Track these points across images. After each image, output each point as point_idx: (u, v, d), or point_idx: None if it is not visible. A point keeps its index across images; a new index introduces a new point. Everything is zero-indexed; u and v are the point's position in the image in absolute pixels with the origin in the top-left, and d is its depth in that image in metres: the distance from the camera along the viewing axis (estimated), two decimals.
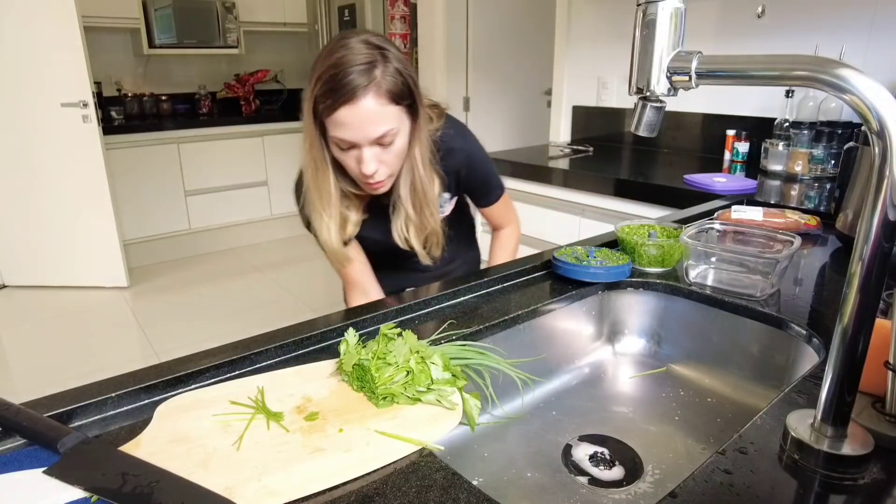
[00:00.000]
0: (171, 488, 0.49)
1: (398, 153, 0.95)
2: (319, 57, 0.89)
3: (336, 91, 0.85)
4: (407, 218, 1.04)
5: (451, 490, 0.50)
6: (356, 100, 0.85)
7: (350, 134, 0.88)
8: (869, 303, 0.47)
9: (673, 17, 0.58)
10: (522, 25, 3.46)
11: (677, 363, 0.93)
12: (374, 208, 1.08)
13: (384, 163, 0.94)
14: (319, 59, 0.89)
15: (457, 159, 1.09)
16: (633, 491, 0.68)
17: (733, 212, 1.23)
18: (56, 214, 3.29)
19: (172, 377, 0.65)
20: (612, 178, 1.75)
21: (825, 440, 0.51)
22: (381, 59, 0.88)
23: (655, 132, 0.63)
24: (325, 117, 0.89)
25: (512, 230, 1.32)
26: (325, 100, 0.87)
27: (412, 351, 0.67)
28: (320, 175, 0.98)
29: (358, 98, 0.85)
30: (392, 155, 0.94)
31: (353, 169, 0.95)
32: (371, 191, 1.00)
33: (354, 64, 0.85)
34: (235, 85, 4.33)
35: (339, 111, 0.86)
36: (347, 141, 0.90)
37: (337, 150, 0.94)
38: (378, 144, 0.91)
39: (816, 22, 1.78)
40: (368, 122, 0.88)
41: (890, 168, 0.43)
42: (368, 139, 0.89)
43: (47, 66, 3.04)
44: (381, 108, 0.88)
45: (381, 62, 0.87)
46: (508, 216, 1.30)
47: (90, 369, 2.55)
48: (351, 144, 0.90)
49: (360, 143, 0.90)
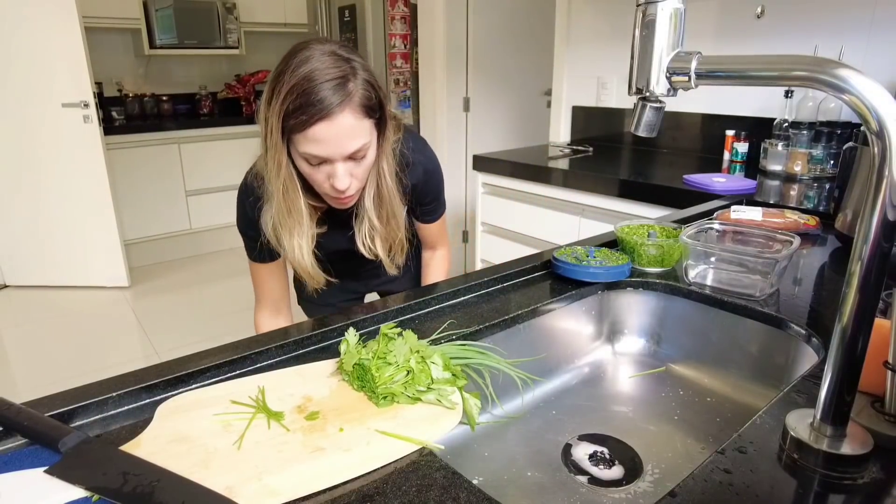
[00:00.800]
0: (171, 488, 0.50)
1: (368, 166, 0.93)
2: (283, 70, 0.84)
3: (310, 106, 0.82)
4: (371, 228, 1.02)
5: (451, 489, 0.50)
6: (332, 116, 0.82)
7: (324, 150, 0.85)
8: (868, 302, 0.47)
9: (672, 18, 0.58)
10: (522, 25, 3.46)
11: (677, 363, 0.94)
12: (333, 218, 1.05)
13: (355, 177, 0.91)
14: (283, 72, 0.83)
15: (416, 172, 1.08)
16: (632, 490, 0.68)
17: (733, 212, 1.23)
18: (57, 214, 3.29)
19: (173, 377, 0.66)
20: (611, 178, 1.75)
21: (824, 440, 0.51)
22: (352, 72, 0.85)
23: (655, 132, 0.63)
24: (296, 133, 0.85)
25: (445, 251, 1.30)
26: (298, 115, 0.82)
27: (412, 350, 0.67)
28: (291, 194, 0.93)
29: (334, 114, 0.82)
30: (363, 168, 0.92)
31: (321, 184, 0.91)
32: (339, 205, 0.97)
33: (327, 79, 0.82)
34: (236, 85, 4.33)
35: (314, 127, 0.83)
36: (320, 157, 0.87)
37: (305, 166, 0.90)
38: (351, 159, 0.89)
39: (816, 22, 1.78)
40: (344, 137, 0.85)
41: (889, 168, 0.44)
42: (343, 155, 0.87)
43: (48, 67, 3.04)
44: (357, 122, 0.85)
45: (352, 75, 0.85)
46: (443, 236, 1.28)
47: (91, 369, 2.55)
48: (322, 160, 0.87)
49: (333, 159, 0.87)
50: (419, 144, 1.09)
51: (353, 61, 0.86)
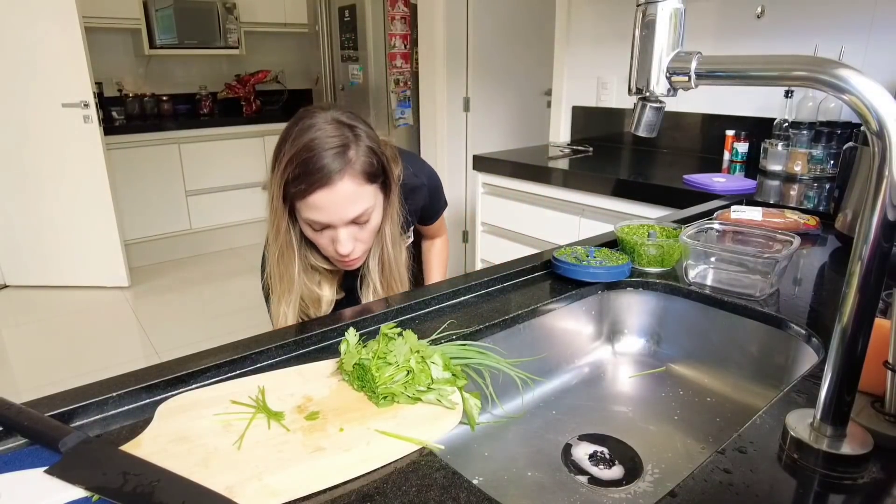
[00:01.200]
0: (171, 487, 0.50)
1: (373, 230, 0.94)
2: (285, 138, 0.86)
3: (310, 175, 0.83)
4: (375, 290, 1.03)
5: (452, 489, 0.50)
6: (332, 183, 0.84)
7: (325, 216, 0.87)
8: (868, 302, 0.47)
9: (672, 18, 0.58)
10: (522, 25, 3.46)
11: (677, 363, 0.94)
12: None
13: (360, 240, 0.92)
14: (286, 140, 0.86)
15: (419, 195, 1.11)
16: (632, 490, 0.68)
17: (732, 212, 1.23)
18: (57, 214, 3.29)
19: (173, 377, 0.66)
20: (611, 178, 1.75)
21: (824, 440, 0.51)
22: (354, 139, 0.86)
23: (655, 132, 0.63)
24: (298, 200, 0.86)
25: (445, 238, 1.36)
26: (299, 184, 0.84)
27: (412, 350, 0.67)
28: (285, 260, 0.95)
29: (334, 182, 0.84)
30: (367, 232, 0.93)
31: (326, 248, 0.93)
32: (345, 268, 0.99)
33: (327, 147, 0.83)
34: (236, 85, 4.33)
35: (314, 195, 0.84)
36: (321, 223, 0.88)
37: (309, 231, 0.91)
38: (354, 224, 0.90)
39: (816, 22, 1.78)
40: (345, 203, 0.86)
41: (889, 168, 0.44)
42: (344, 220, 0.88)
43: (48, 67, 3.04)
44: (358, 188, 0.86)
45: (353, 142, 0.86)
46: (442, 227, 1.34)
47: (91, 369, 2.55)
48: (325, 226, 0.89)
49: (335, 225, 0.88)
50: (417, 166, 1.11)
51: (356, 128, 0.88)
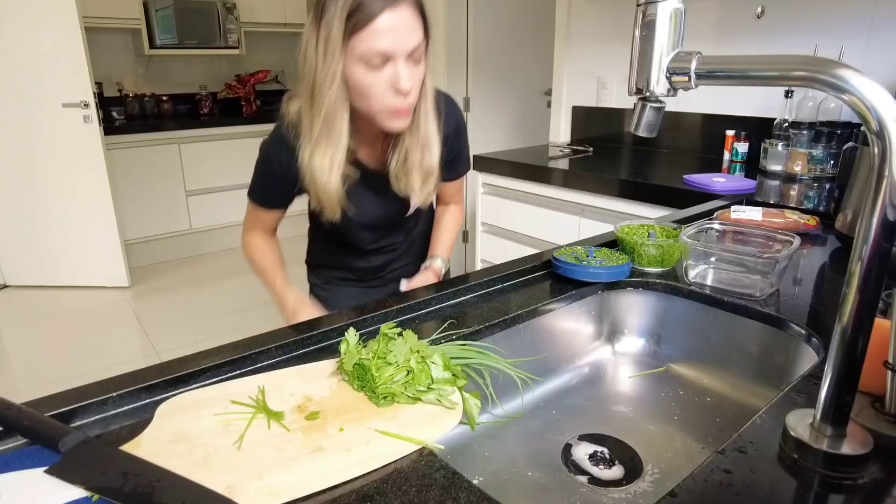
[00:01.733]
0: (171, 487, 0.50)
1: (422, 76, 0.94)
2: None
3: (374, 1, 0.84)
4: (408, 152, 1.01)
5: (452, 489, 0.50)
6: (397, 5, 0.85)
7: (390, 42, 0.86)
8: (868, 302, 0.47)
9: (673, 18, 0.58)
10: (522, 25, 3.46)
11: (677, 363, 0.94)
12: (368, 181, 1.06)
13: (414, 85, 0.92)
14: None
15: (450, 123, 1.08)
16: (632, 490, 0.68)
17: (733, 212, 1.23)
18: (57, 214, 3.29)
19: (173, 377, 0.66)
20: (611, 178, 1.75)
21: (824, 440, 0.51)
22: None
23: (655, 132, 0.63)
24: (360, 30, 0.85)
25: (460, 207, 1.32)
26: (364, 9, 0.84)
27: (412, 350, 0.67)
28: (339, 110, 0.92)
29: (399, 4, 0.85)
30: (418, 75, 0.92)
31: (381, 94, 0.90)
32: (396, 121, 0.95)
33: None
34: (236, 85, 4.33)
35: (380, 17, 0.84)
36: (385, 53, 0.87)
37: (364, 74, 0.89)
38: (411, 60, 0.89)
39: (816, 22, 1.78)
40: (408, 29, 0.87)
41: (889, 168, 0.44)
42: (406, 49, 0.88)
43: (48, 67, 3.04)
44: (415, 18, 0.88)
45: None
46: (460, 194, 1.31)
47: (91, 369, 2.55)
48: (386, 58, 0.87)
49: (396, 55, 0.87)
50: (446, 95, 1.10)
51: None
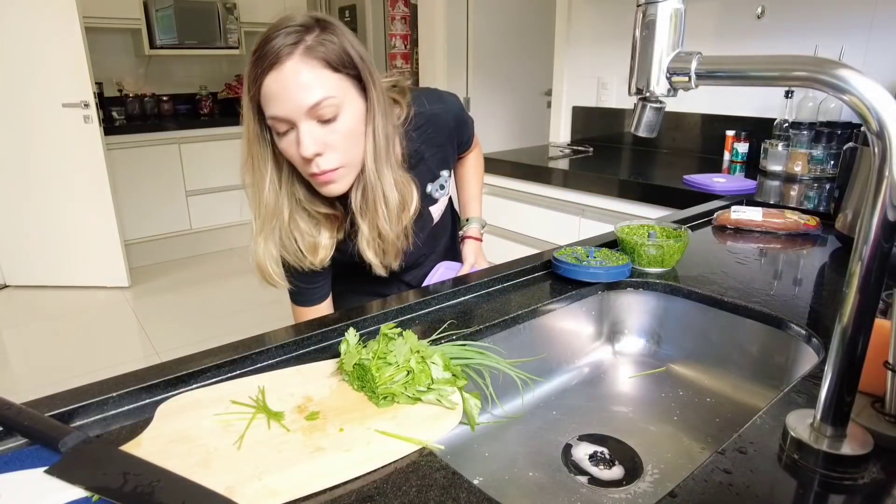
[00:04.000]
0: (171, 487, 0.50)
1: (347, 133, 0.81)
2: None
3: (262, 59, 0.75)
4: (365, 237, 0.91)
5: (452, 489, 0.50)
6: (280, 63, 0.74)
7: (280, 107, 0.76)
8: (868, 303, 0.47)
9: (673, 18, 0.58)
10: (522, 25, 3.46)
11: (677, 363, 0.94)
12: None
13: (329, 146, 0.80)
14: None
15: (444, 120, 1.00)
16: (632, 490, 0.68)
17: (733, 212, 1.23)
18: (57, 214, 3.29)
19: (173, 377, 0.66)
20: (611, 178, 1.75)
21: (825, 440, 0.51)
22: (320, 28, 0.77)
23: (655, 133, 0.63)
24: (259, 97, 0.77)
25: (478, 148, 1.25)
26: (254, 71, 0.76)
27: (412, 350, 0.67)
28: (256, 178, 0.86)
29: (282, 60, 0.74)
30: (339, 135, 0.80)
31: (296, 159, 0.81)
32: (322, 187, 0.84)
33: (283, 27, 0.75)
34: (236, 85, 4.33)
35: (265, 80, 0.75)
36: (280, 118, 0.77)
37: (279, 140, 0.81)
38: (317, 120, 0.78)
39: (816, 22, 1.78)
40: (297, 87, 0.75)
41: (889, 168, 0.44)
42: (301, 109, 0.76)
43: (48, 67, 3.04)
44: (311, 71, 0.76)
45: (317, 29, 0.77)
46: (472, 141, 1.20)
47: (91, 369, 2.55)
48: (286, 123, 0.78)
49: (293, 118, 0.77)
50: (432, 95, 1.01)
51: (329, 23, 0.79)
